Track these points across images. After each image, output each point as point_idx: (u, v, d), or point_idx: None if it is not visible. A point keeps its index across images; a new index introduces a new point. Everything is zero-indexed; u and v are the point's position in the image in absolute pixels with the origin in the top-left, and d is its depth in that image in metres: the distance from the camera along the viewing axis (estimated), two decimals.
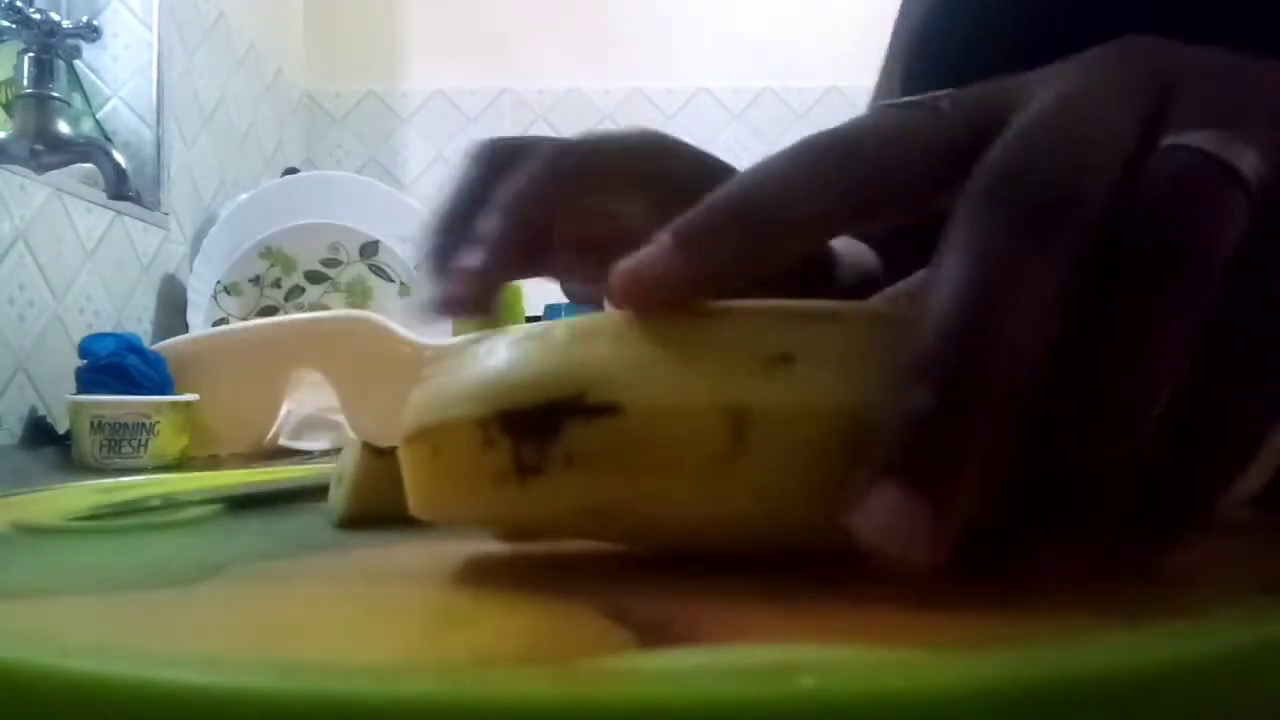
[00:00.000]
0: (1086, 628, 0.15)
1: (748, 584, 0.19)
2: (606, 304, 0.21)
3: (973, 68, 0.24)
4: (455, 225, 0.29)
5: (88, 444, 0.73)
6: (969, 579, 0.17)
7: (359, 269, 1.17)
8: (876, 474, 0.16)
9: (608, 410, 0.17)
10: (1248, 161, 0.19)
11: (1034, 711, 0.12)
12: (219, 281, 1.13)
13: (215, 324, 1.10)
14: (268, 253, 1.14)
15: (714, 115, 1.95)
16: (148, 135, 1.26)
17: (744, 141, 1.93)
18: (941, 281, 0.17)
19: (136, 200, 1.13)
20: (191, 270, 1.18)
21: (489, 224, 0.28)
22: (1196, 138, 0.19)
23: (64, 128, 1.04)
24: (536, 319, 1.17)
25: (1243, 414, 0.18)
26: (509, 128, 1.96)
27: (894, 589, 0.16)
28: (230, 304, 1.13)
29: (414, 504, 0.21)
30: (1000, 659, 0.12)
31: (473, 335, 0.20)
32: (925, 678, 0.11)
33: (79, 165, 1.05)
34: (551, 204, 0.29)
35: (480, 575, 0.21)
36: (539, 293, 1.32)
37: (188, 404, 0.77)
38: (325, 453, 0.84)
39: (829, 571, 0.19)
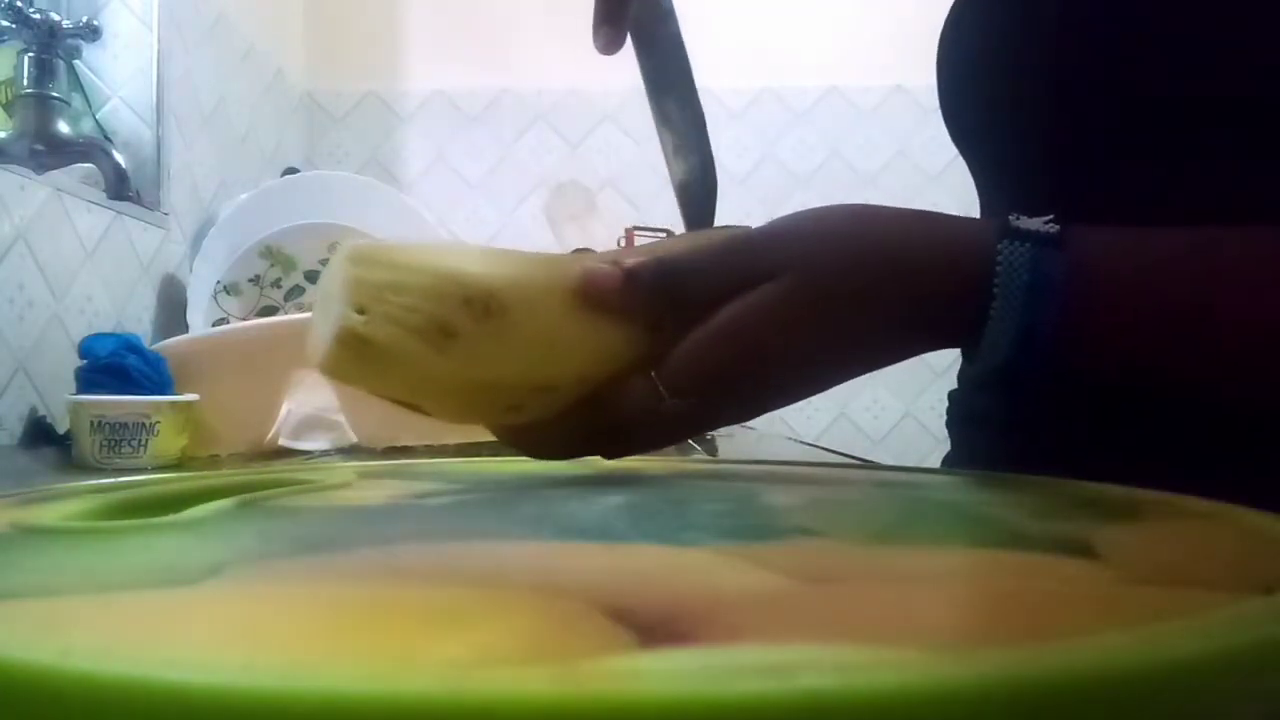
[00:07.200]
0: (1086, 628, 0.15)
1: (748, 584, 0.19)
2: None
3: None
4: None
5: (88, 444, 0.73)
6: (967, 579, 0.17)
7: None
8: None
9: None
10: None
11: (1034, 711, 0.12)
12: (219, 281, 1.13)
13: (215, 324, 1.10)
14: (268, 253, 1.14)
15: (714, 115, 1.94)
16: (148, 135, 1.26)
17: (744, 141, 1.93)
18: None
19: (136, 200, 1.13)
20: (191, 270, 1.18)
21: None
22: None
23: (64, 128, 1.04)
24: None
25: None
26: (509, 128, 1.96)
27: (893, 589, 0.16)
28: (230, 304, 1.13)
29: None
30: (1000, 659, 0.12)
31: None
32: (925, 678, 0.11)
33: (79, 165, 1.05)
34: None
35: (480, 574, 0.21)
36: None
37: (188, 404, 0.77)
38: (325, 453, 0.84)
39: (829, 571, 0.19)
